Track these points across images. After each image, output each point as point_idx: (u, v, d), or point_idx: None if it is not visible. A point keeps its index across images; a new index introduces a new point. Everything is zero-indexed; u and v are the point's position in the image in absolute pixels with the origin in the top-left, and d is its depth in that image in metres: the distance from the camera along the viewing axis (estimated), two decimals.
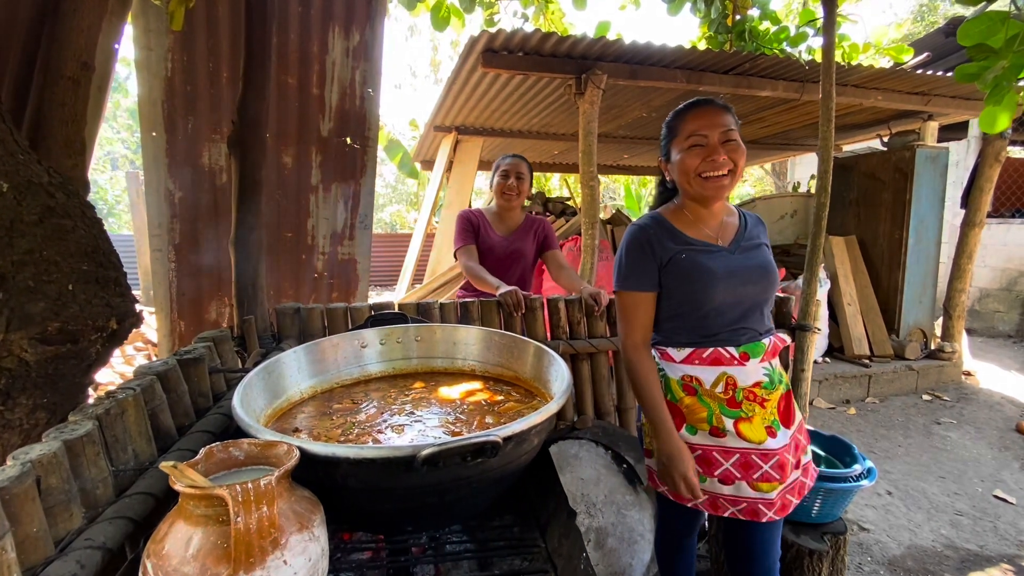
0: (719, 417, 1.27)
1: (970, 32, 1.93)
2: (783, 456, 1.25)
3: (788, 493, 1.28)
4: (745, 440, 1.25)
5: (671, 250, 1.29)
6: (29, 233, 1.05)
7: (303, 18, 2.72)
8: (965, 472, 3.23)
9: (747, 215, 1.40)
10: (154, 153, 2.60)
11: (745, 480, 1.25)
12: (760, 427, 1.25)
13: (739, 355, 1.27)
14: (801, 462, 1.32)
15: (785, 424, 1.28)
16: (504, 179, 2.37)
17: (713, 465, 1.27)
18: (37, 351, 1.04)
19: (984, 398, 4.54)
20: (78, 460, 0.87)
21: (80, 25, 1.56)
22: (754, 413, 1.26)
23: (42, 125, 1.52)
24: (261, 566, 0.68)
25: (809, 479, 1.35)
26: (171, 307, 2.73)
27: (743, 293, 1.28)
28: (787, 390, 1.33)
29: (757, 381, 1.27)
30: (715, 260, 1.28)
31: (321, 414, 1.21)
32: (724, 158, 1.23)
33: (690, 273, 1.27)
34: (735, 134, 1.24)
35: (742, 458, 1.25)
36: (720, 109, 1.26)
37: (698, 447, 1.29)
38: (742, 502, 1.26)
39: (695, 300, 1.27)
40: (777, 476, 1.24)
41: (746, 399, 1.26)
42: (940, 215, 4.95)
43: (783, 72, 4.22)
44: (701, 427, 1.28)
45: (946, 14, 12.92)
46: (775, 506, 1.25)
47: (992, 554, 2.44)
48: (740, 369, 1.27)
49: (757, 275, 1.29)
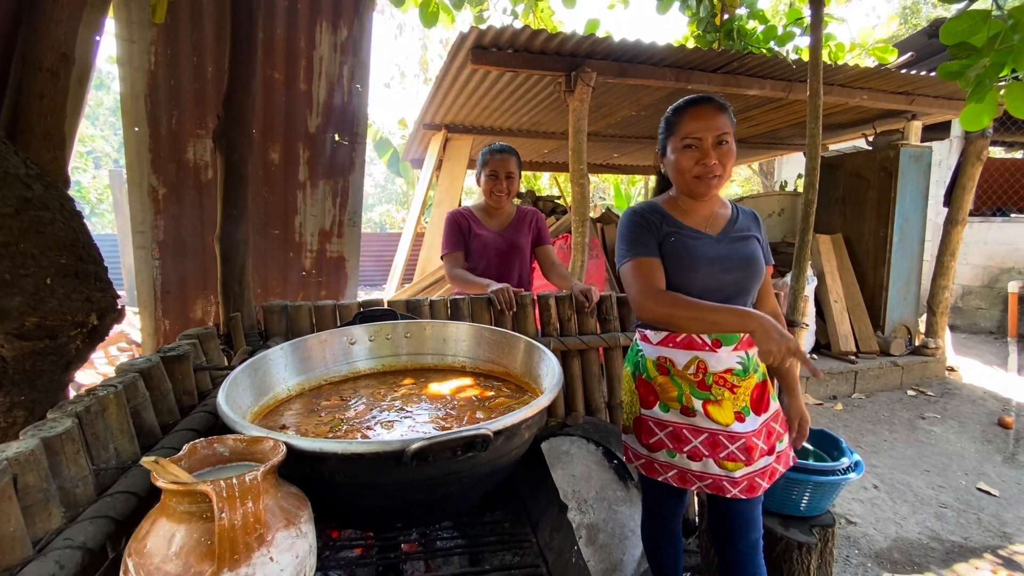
0: (688, 397, 1.33)
1: (952, 31, 1.95)
2: (750, 440, 1.31)
3: (758, 476, 1.32)
4: (713, 421, 1.31)
5: (665, 231, 1.35)
6: (5, 225, 1.02)
7: (290, 12, 2.68)
8: (949, 466, 3.28)
9: (741, 209, 1.45)
10: (137, 149, 2.55)
11: (712, 458, 1.32)
12: (729, 411, 1.31)
13: (711, 342, 1.32)
14: (776, 448, 1.37)
15: (756, 411, 1.33)
16: (493, 180, 2.26)
17: (683, 441, 1.35)
18: (14, 347, 1.01)
19: (967, 393, 4.62)
20: (57, 458, 0.85)
21: (59, 16, 1.52)
22: (723, 397, 1.31)
23: (20, 118, 1.48)
24: (247, 563, 0.66)
25: (782, 465, 1.38)
26: (155, 305, 2.68)
27: (723, 280, 1.33)
28: (763, 379, 1.37)
29: (729, 368, 1.32)
30: (700, 246, 1.33)
31: (309, 411, 1.19)
32: (715, 162, 1.28)
33: (676, 255, 1.33)
34: (729, 136, 1.29)
35: (710, 437, 1.32)
36: (717, 110, 1.29)
37: (669, 423, 1.37)
38: (708, 478, 1.33)
39: (677, 283, 1.32)
40: (743, 457, 1.30)
41: (716, 383, 1.31)
42: (924, 213, 5.02)
43: (770, 71, 4.26)
44: (673, 405, 1.36)
45: (929, 16, 13.14)
46: (740, 485, 1.30)
47: (976, 545, 2.48)
48: (712, 355, 1.32)
49: (739, 264, 1.34)
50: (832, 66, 4.20)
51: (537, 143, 6.80)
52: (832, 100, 4.53)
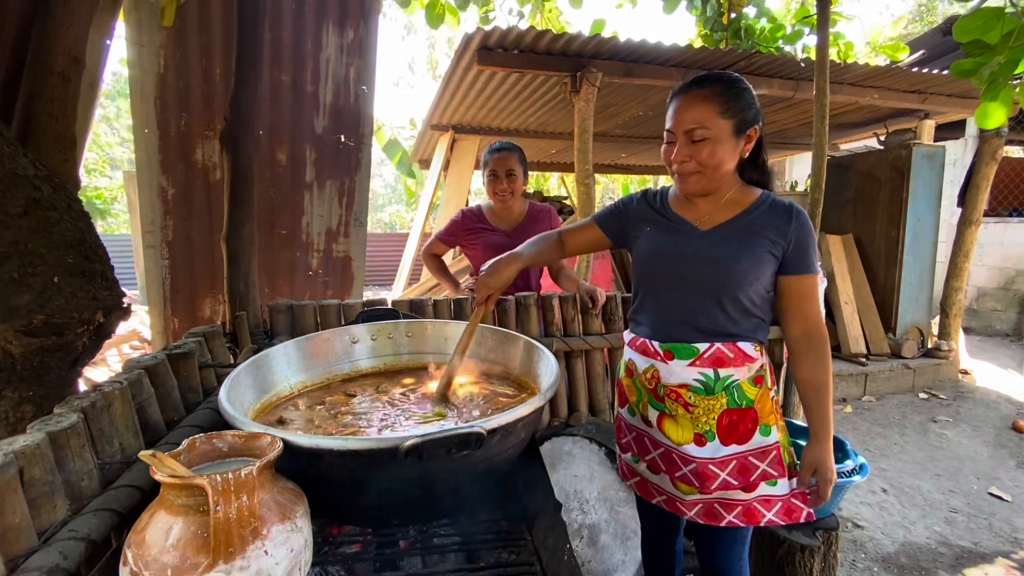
0: (646, 405, 1.27)
1: (966, 28, 1.93)
2: (705, 468, 1.17)
3: (718, 505, 1.19)
4: (666, 437, 1.23)
5: (645, 218, 1.28)
6: (14, 225, 1.05)
7: (296, 15, 2.71)
8: (961, 470, 3.23)
9: (774, 203, 1.18)
10: (147, 150, 2.59)
11: (668, 474, 1.24)
12: (687, 430, 1.19)
13: (663, 352, 1.20)
14: (758, 488, 1.18)
15: (724, 440, 1.17)
16: (494, 180, 2.16)
17: (644, 450, 1.30)
18: (22, 343, 1.04)
19: (981, 396, 4.54)
20: (62, 452, 0.87)
21: (70, 20, 1.56)
22: (678, 413, 1.20)
23: (31, 120, 1.52)
24: (241, 555, 0.68)
25: (774, 513, 1.19)
26: (165, 304, 2.72)
27: (682, 272, 1.18)
28: (738, 407, 1.17)
29: (683, 383, 1.18)
30: (673, 235, 1.21)
31: (310, 408, 1.20)
32: (687, 158, 1.12)
33: (644, 244, 1.26)
34: (707, 133, 1.09)
35: (665, 452, 1.24)
36: (700, 100, 1.11)
37: (634, 428, 1.32)
38: (664, 494, 1.27)
39: (640, 271, 1.28)
40: (695, 483, 1.19)
41: (667, 396, 1.21)
42: (937, 214, 4.95)
43: (778, 70, 4.22)
44: (636, 411, 1.31)
45: (944, 13, 12.93)
46: (694, 508, 1.21)
47: (987, 551, 2.44)
48: (663, 366, 1.20)
49: (705, 260, 1.16)
50: (841, 65, 4.16)
51: (544, 144, 6.81)
52: (842, 99, 4.49)
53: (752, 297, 1.16)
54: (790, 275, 1.16)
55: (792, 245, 1.14)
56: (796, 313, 1.17)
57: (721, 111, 1.10)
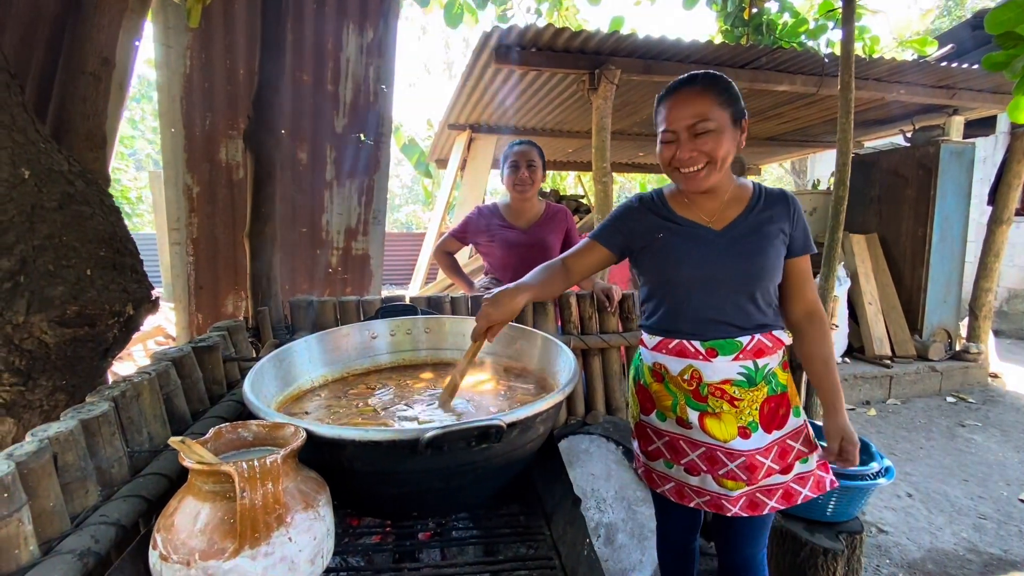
0: (683, 407, 1.24)
1: (998, 19, 1.87)
2: (753, 459, 1.19)
3: (760, 493, 1.21)
4: (710, 436, 1.21)
5: (653, 226, 1.24)
6: (49, 219, 1.08)
7: (318, 15, 2.75)
8: (990, 475, 3.14)
9: (767, 192, 1.24)
10: (173, 149, 2.65)
11: (711, 474, 1.22)
12: (731, 425, 1.20)
13: (705, 351, 1.20)
14: (794, 468, 1.23)
15: (767, 428, 1.21)
16: (514, 171, 2.19)
17: (680, 454, 1.27)
18: (56, 333, 1.07)
19: (1011, 400, 4.40)
20: (94, 439, 0.89)
21: (101, 22, 1.60)
22: (722, 410, 1.20)
23: (64, 119, 1.56)
24: (266, 541, 0.69)
25: (809, 488, 1.24)
26: (189, 300, 2.79)
27: (713, 274, 1.18)
28: (776, 393, 1.22)
29: (727, 379, 1.20)
30: (693, 240, 1.21)
31: (331, 401, 1.22)
32: (693, 153, 1.12)
33: (664, 251, 1.22)
34: (711, 124, 1.10)
35: (708, 452, 1.22)
36: (695, 95, 1.12)
37: (666, 433, 1.29)
38: (706, 494, 1.24)
39: (664, 278, 1.24)
40: (743, 477, 1.19)
41: (712, 394, 1.20)
42: (966, 212, 4.81)
43: (801, 66, 4.14)
44: (668, 415, 1.28)
45: (973, 8, 12.56)
46: (739, 503, 1.21)
47: (1017, 558, 2.37)
48: (706, 364, 1.20)
49: (734, 258, 1.18)
50: (867, 60, 4.07)
51: (561, 142, 6.79)
52: (867, 95, 4.38)
53: (774, 286, 1.23)
54: (796, 256, 1.23)
55: (796, 227, 1.22)
56: (799, 293, 1.26)
57: (719, 102, 1.13)
